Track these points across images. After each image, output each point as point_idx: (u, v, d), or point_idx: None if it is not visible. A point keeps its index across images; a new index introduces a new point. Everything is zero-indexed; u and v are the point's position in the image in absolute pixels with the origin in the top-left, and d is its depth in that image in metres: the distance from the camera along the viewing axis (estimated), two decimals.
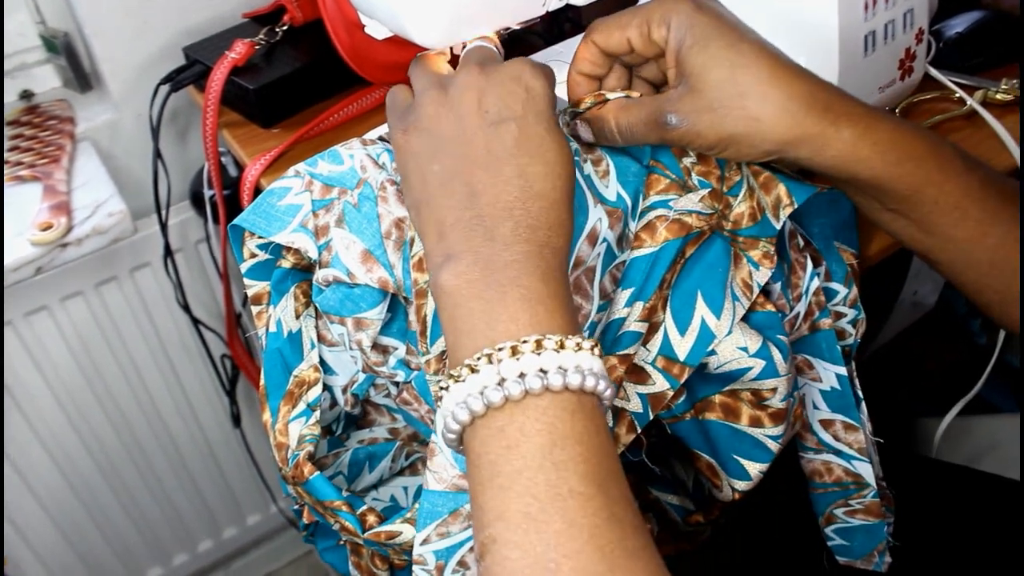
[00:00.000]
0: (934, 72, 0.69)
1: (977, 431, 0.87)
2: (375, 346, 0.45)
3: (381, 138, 0.48)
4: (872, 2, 0.58)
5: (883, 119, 0.41)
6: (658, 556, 0.33)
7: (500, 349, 0.33)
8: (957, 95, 0.68)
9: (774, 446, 0.44)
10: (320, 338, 0.48)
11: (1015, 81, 0.69)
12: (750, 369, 0.42)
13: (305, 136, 0.73)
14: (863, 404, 0.51)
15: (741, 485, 0.45)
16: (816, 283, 0.47)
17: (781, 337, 0.43)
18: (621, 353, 0.42)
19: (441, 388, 0.35)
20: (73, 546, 1.06)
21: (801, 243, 0.47)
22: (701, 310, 0.42)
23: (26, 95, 0.90)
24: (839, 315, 0.50)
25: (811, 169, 0.42)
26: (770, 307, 0.44)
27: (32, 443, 0.96)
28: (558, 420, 0.33)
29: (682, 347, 0.42)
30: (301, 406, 0.46)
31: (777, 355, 0.42)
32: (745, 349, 0.42)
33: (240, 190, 0.72)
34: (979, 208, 0.42)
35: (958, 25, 0.74)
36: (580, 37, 0.68)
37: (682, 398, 0.45)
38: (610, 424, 0.43)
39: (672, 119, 0.41)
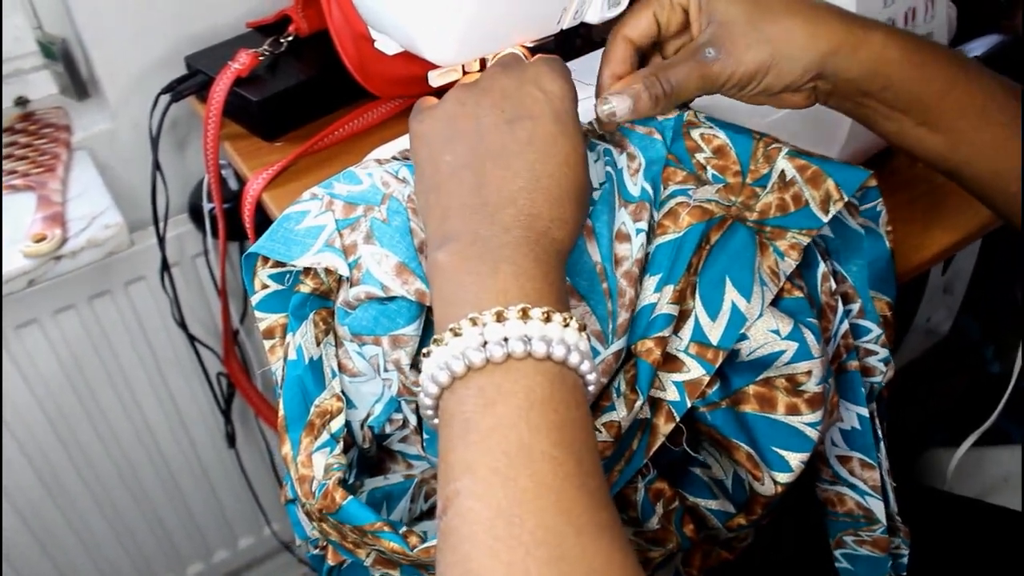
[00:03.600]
0: None
1: (991, 462, 0.85)
2: (414, 365, 0.43)
3: (395, 157, 0.47)
4: (892, 24, 0.57)
5: (902, 30, 0.44)
6: (627, 539, 0.33)
7: (485, 313, 0.34)
8: None
9: (813, 433, 0.43)
10: (340, 367, 0.46)
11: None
12: (783, 352, 0.42)
13: (309, 150, 0.72)
14: (883, 443, 0.50)
15: (783, 477, 0.44)
16: (845, 326, 0.47)
17: (812, 320, 0.43)
18: (656, 335, 0.42)
19: (423, 354, 0.35)
20: (58, 567, 1.04)
21: (834, 286, 0.46)
22: (731, 294, 0.42)
23: (21, 101, 0.88)
24: (868, 352, 0.49)
25: (846, 81, 0.43)
26: (797, 293, 0.44)
27: (19, 459, 0.94)
28: (537, 385, 0.33)
29: (714, 331, 0.42)
30: (324, 436, 0.44)
31: (810, 336, 0.42)
32: (777, 332, 0.42)
33: (241, 204, 0.71)
34: (1003, 113, 0.44)
35: (976, 49, 0.73)
36: (592, 55, 0.67)
37: (716, 386, 0.44)
38: (648, 415, 0.43)
39: (710, 52, 0.43)
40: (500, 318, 0.33)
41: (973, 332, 0.99)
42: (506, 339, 0.33)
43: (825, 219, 0.44)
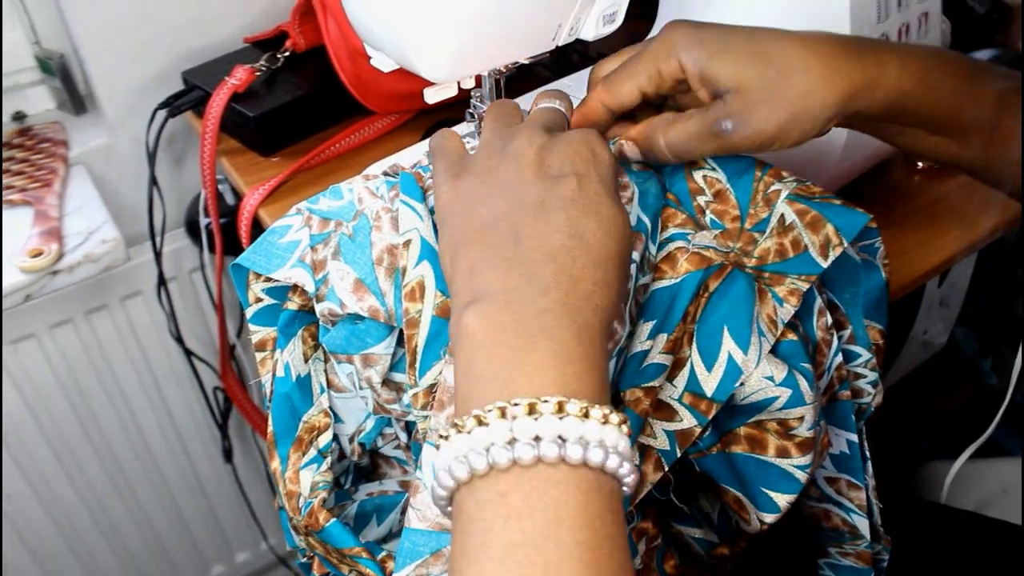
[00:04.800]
0: None
1: (987, 476, 0.85)
2: (386, 383, 0.44)
3: (385, 173, 0.47)
4: (886, 39, 0.58)
5: (909, 49, 0.43)
6: None
7: (516, 404, 0.30)
8: None
9: (802, 476, 0.43)
10: (329, 384, 0.46)
11: None
12: (776, 399, 0.42)
13: (306, 165, 0.72)
14: (869, 463, 0.51)
15: (769, 517, 0.44)
16: (839, 359, 0.46)
17: (805, 365, 0.43)
18: (646, 386, 0.41)
19: (441, 436, 0.31)
20: None
21: (829, 321, 0.46)
22: (728, 345, 0.41)
23: (19, 116, 0.88)
24: (858, 375, 0.49)
25: (865, 120, 0.43)
26: (792, 336, 0.43)
27: (15, 475, 0.93)
28: (570, 497, 0.29)
29: (709, 383, 0.41)
30: (312, 452, 0.44)
31: (803, 383, 0.42)
32: (771, 378, 0.41)
33: (237, 219, 0.71)
34: (1013, 117, 0.43)
35: None
36: (588, 70, 0.67)
37: (707, 432, 0.44)
38: (637, 461, 0.42)
39: (727, 125, 0.41)
40: (533, 410, 0.30)
41: (970, 345, 0.99)
42: (538, 438, 0.29)
43: (824, 264, 0.44)
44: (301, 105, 0.73)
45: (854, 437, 0.48)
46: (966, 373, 0.99)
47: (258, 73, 0.73)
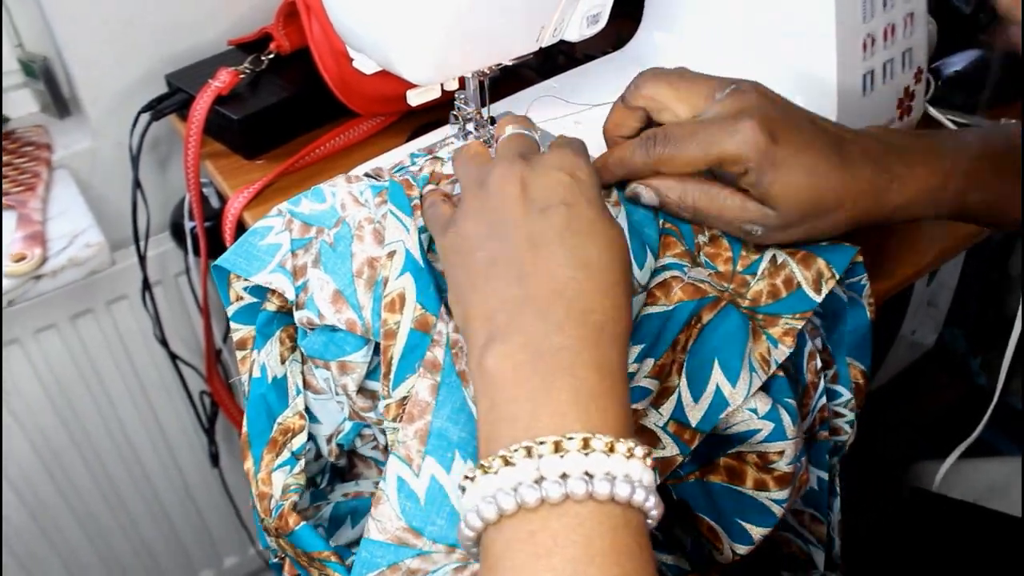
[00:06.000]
0: (933, 111, 0.68)
1: (976, 474, 0.85)
2: (361, 391, 0.44)
3: (367, 174, 0.47)
4: (871, 41, 0.58)
5: (923, 156, 0.44)
6: None
7: (542, 443, 0.30)
8: None
9: (778, 510, 0.43)
10: (306, 384, 0.46)
11: (1014, 120, 0.69)
12: (758, 431, 0.42)
13: (290, 168, 0.71)
14: (838, 499, 0.51)
15: (742, 549, 0.44)
16: (823, 401, 0.47)
17: (790, 401, 0.43)
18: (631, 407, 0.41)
19: (466, 478, 0.31)
20: None
21: (819, 364, 0.46)
22: (717, 377, 0.41)
23: (2, 120, 0.87)
24: (837, 414, 0.50)
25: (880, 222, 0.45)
26: (780, 373, 0.43)
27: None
28: (597, 534, 0.29)
29: (695, 413, 0.41)
30: (285, 454, 0.44)
31: (786, 418, 0.42)
32: (755, 411, 0.41)
33: (222, 222, 0.70)
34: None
35: (956, 63, 0.73)
36: (575, 71, 0.67)
37: (687, 460, 0.44)
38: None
39: (757, 230, 0.43)
40: (559, 448, 0.30)
41: (959, 344, 0.99)
42: (565, 476, 0.29)
43: (818, 298, 0.44)
44: (285, 107, 0.73)
45: (824, 475, 0.49)
46: (955, 372, 0.99)
47: (242, 76, 0.73)
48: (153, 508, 1.07)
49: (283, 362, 0.46)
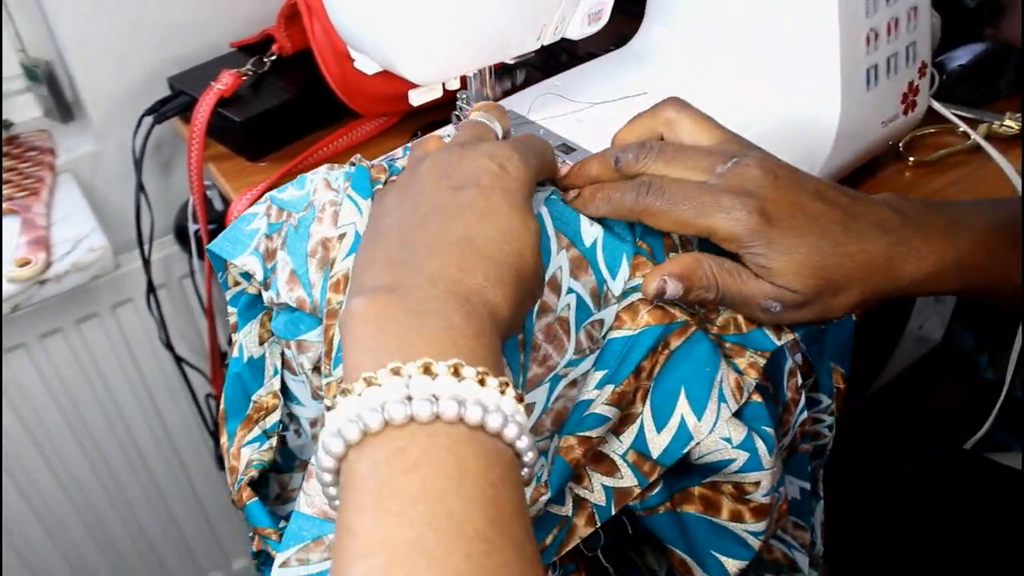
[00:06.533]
0: (937, 106, 0.68)
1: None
2: (316, 369, 0.44)
3: (351, 162, 0.47)
4: (874, 36, 0.57)
5: (942, 229, 0.43)
6: None
7: (411, 364, 0.28)
8: (961, 129, 0.67)
9: (755, 542, 0.42)
10: (286, 366, 0.47)
11: (1019, 114, 0.68)
12: (733, 461, 0.40)
13: (293, 170, 0.71)
14: (821, 502, 0.51)
15: None
16: (804, 415, 0.46)
17: (767, 429, 0.41)
18: (582, 434, 0.39)
19: (327, 408, 0.29)
20: None
21: (800, 381, 0.45)
22: (682, 408, 0.40)
23: (5, 125, 0.87)
24: (817, 420, 0.49)
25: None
26: (756, 398, 0.42)
27: (7, 485, 0.93)
28: (471, 456, 0.28)
29: (656, 444, 0.40)
30: (256, 431, 0.45)
31: (762, 447, 0.40)
32: (729, 440, 0.40)
33: (226, 225, 0.70)
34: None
35: (961, 57, 0.73)
36: (577, 69, 0.66)
37: (657, 489, 0.43)
38: (570, 513, 0.41)
39: (775, 307, 0.41)
40: (428, 371, 0.28)
41: (966, 340, 0.98)
42: (436, 397, 0.28)
43: (778, 343, 0.43)
44: (288, 109, 0.73)
45: (807, 485, 0.48)
46: (963, 368, 0.98)
47: (244, 77, 0.73)
48: (160, 512, 1.07)
49: (262, 343, 0.47)
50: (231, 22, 0.83)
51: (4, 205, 0.78)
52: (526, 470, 0.30)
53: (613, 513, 0.41)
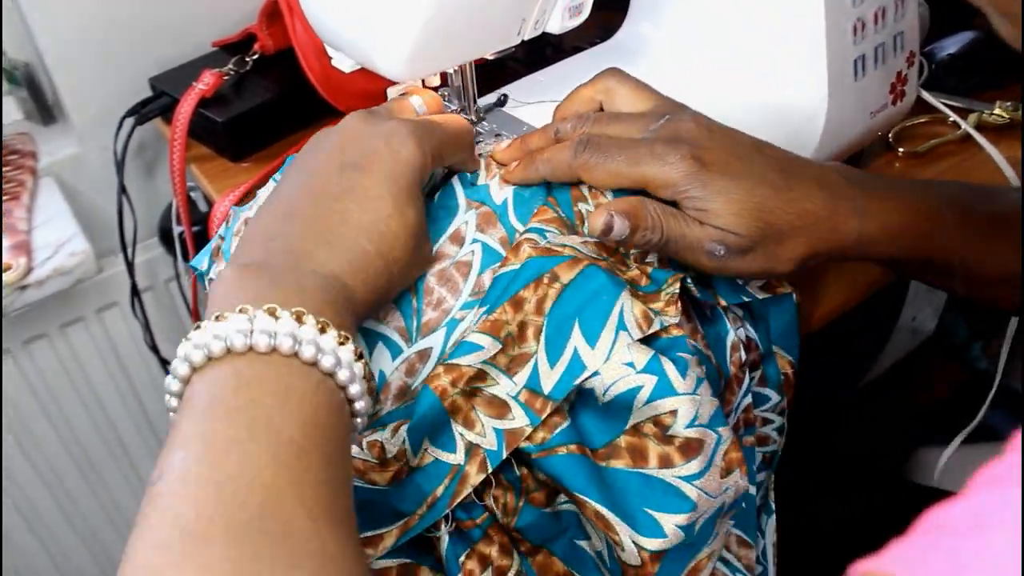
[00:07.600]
0: (926, 95, 0.67)
1: (978, 460, 0.84)
2: None
3: None
4: (861, 25, 0.57)
5: (889, 193, 0.43)
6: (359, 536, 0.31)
7: (256, 308, 0.31)
8: (951, 119, 0.66)
9: (692, 492, 0.37)
10: None
11: (1009, 103, 0.68)
12: (640, 388, 0.37)
13: (277, 170, 0.70)
14: (773, 517, 0.48)
15: (653, 543, 0.37)
16: (748, 400, 0.44)
17: (683, 355, 0.38)
18: (450, 362, 0.38)
19: (185, 340, 0.32)
20: None
21: (743, 356, 0.43)
22: (576, 340, 0.38)
23: None
24: (766, 421, 0.47)
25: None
26: (676, 332, 0.39)
27: None
28: (300, 384, 0.30)
29: (549, 379, 0.38)
30: None
31: (671, 369, 0.37)
32: (631, 364, 0.37)
33: (209, 226, 0.69)
34: (1003, 246, 0.43)
35: (950, 46, 0.72)
36: (563, 63, 0.66)
37: (560, 429, 0.38)
38: (462, 461, 0.38)
39: (720, 250, 0.41)
40: (272, 313, 0.31)
41: (960, 330, 0.98)
42: (275, 332, 0.30)
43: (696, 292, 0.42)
44: (270, 109, 0.72)
45: (753, 490, 0.43)
46: (956, 358, 0.98)
47: (226, 77, 0.72)
48: None
49: None
50: (213, 21, 0.82)
51: None
52: (359, 420, 0.33)
53: (504, 455, 0.38)
